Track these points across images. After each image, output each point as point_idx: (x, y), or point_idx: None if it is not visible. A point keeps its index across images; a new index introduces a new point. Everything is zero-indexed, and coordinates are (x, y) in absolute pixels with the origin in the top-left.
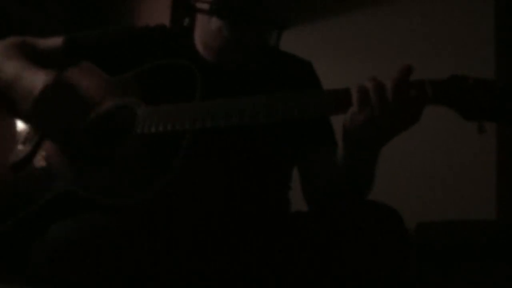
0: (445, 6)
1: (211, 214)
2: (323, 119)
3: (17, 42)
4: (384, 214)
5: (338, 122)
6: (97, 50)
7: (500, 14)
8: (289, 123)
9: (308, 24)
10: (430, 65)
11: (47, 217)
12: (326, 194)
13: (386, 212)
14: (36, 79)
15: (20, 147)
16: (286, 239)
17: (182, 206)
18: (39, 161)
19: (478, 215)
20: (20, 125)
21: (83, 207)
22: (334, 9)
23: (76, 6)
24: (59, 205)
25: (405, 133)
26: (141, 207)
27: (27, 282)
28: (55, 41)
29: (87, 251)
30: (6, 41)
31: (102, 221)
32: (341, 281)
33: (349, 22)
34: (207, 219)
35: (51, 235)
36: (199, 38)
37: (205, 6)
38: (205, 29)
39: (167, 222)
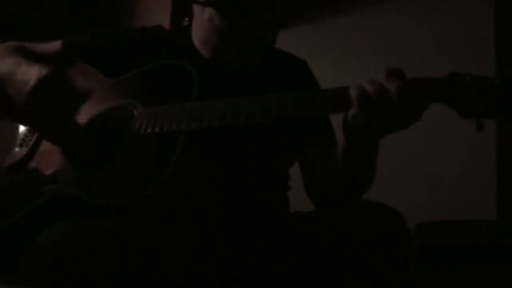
0: (445, 6)
1: (208, 214)
2: (322, 118)
3: (14, 45)
4: (385, 214)
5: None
6: (95, 53)
7: (500, 13)
8: (286, 123)
9: (307, 24)
10: (430, 65)
11: (40, 220)
12: (328, 192)
13: (387, 212)
14: (31, 72)
15: (16, 149)
16: (286, 240)
17: (178, 206)
18: (35, 163)
19: (478, 215)
20: (22, 127)
21: (77, 209)
22: (334, 9)
23: (76, 6)
24: (52, 207)
25: (405, 134)
26: (136, 208)
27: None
28: (53, 45)
29: (81, 255)
30: (3, 44)
31: (96, 224)
32: (341, 282)
33: (348, 22)
34: (204, 219)
35: (44, 239)
36: (195, 34)
37: None
38: (199, 21)
39: (162, 223)
